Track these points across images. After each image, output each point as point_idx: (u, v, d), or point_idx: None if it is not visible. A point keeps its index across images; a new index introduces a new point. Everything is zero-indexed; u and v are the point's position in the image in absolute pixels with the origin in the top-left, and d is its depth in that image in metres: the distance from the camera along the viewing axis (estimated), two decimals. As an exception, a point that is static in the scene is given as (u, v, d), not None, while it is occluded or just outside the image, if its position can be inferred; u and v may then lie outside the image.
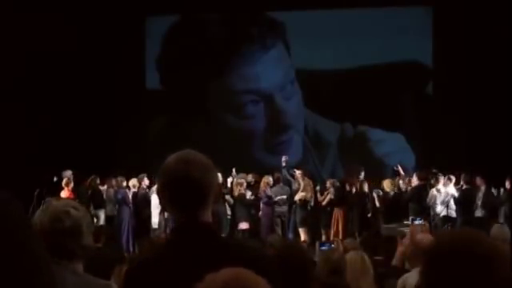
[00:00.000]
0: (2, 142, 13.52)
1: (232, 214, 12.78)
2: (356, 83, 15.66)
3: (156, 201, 11.92)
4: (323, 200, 12.85)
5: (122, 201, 12.78)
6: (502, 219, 11.57)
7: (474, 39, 14.48)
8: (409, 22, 15.43)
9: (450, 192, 12.49)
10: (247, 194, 12.81)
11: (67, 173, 12.81)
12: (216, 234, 2.04)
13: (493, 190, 12.60)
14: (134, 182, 13.16)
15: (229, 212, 12.81)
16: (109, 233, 8.04)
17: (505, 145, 12.24)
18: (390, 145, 15.48)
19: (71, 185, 12.45)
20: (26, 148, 14.00)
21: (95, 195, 12.93)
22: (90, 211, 11.82)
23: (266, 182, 12.82)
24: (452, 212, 12.47)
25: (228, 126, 16.31)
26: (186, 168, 1.94)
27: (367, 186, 12.79)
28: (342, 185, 12.91)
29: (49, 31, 14.19)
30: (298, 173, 13.36)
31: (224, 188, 12.71)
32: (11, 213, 1.05)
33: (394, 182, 12.84)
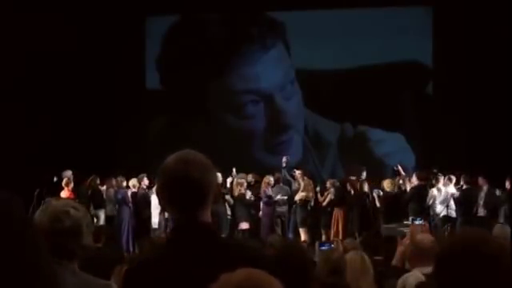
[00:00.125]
0: (2, 142, 13.52)
1: (232, 214, 12.78)
2: (356, 83, 15.65)
3: (156, 201, 11.91)
4: (323, 200, 12.85)
5: (122, 201, 12.78)
6: (502, 219, 11.57)
7: (473, 39, 14.48)
8: (409, 21, 15.42)
9: (450, 192, 12.49)
10: (247, 194, 12.81)
11: (67, 173, 12.81)
12: (216, 234, 2.04)
13: (494, 190, 12.60)
14: (133, 182, 13.16)
15: (229, 212, 12.81)
16: (109, 233, 8.03)
17: (505, 145, 12.24)
18: (390, 145, 15.47)
19: (71, 185, 12.44)
20: (26, 148, 14.00)
21: (95, 195, 12.93)
22: (90, 211, 11.82)
23: (267, 181, 12.81)
24: (452, 212, 12.47)
25: (228, 126, 16.30)
26: (185, 168, 1.94)
27: (367, 186, 12.79)
28: (342, 185, 12.91)
29: (49, 31, 14.19)
30: (297, 173, 13.37)
31: (223, 188, 12.71)
32: (13, 212, 1.04)
33: (394, 181, 12.83)
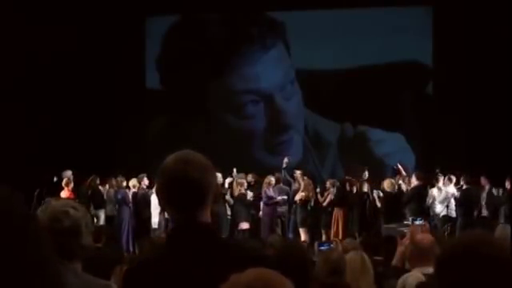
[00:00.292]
0: (2, 142, 13.52)
1: (232, 214, 12.78)
2: (356, 83, 15.65)
3: (156, 201, 11.90)
4: (324, 200, 12.84)
5: (122, 201, 12.78)
6: (502, 219, 11.57)
7: (473, 39, 14.47)
8: (409, 21, 15.42)
9: (450, 192, 12.49)
10: (248, 194, 12.81)
11: (67, 173, 12.81)
12: (215, 235, 2.03)
13: (494, 190, 12.60)
14: (134, 182, 13.16)
15: (229, 212, 12.82)
16: (109, 233, 8.04)
17: (505, 145, 12.24)
18: (390, 145, 15.47)
19: (71, 185, 12.45)
20: (26, 148, 14.00)
21: (95, 195, 12.93)
22: (90, 211, 11.82)
23: (268, 182, 12.82)
24: (452, 212, 12.47)
25: (228, 126, 16.30)
26: (185, 168, 1.94)
27: (367, 186, 12.79)
28: (343, 185, 12.91)
29: (49, 31, 14.20)
30: (297, 173, 13.38)
31: (222, 188, 12.70)
32: (13, 208, 1.02)
33: (394, 181, 12.81)
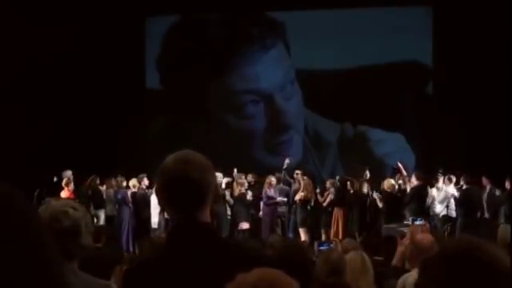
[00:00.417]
0: (2, 142, 13.52)
1: (232, 214, 12.78)
2: (356, 83, 15.65)
3: (156, 201, 11.90)
4: (324, 201, 12.83)
5: (122, 201, 12.78)
6: (502, 219, 11.56)
7: (473, 39, 14.47)
8: (409, 21, 15.42)
9: (450, 192, 12.48)
10: (248, 194, 12.81)
11: (67, 173, 12.81)
12: (215, 234, 2.03)
13: (494, 190, 12.60)
14: (134, 182, 13.16)
15: (229, 212, 12.82)
16: (109, 233, 8.03)
17: (505, 145, 12.23)
18: (390, 145, 15.46)
19: (71, 185, 12.44)
20: (26, 148, 14.00)
21: (95, 195, 12.93)
22: (90, 211, 11.82)
23: (269, 182, 12.84)
24: (452, 212, 12.47)
25: (228, 126, 16.30)
26: (184, 168, 1.93)
27: (367, 186, 12.78)
28: (343, 185, 12.90)
29: (49, 31, 14.20)
30: (297, 173, 13.38)
31: (220, 189, 12.69)
32: (14, 205, 1.00)
33: (395, 181, 12.79)
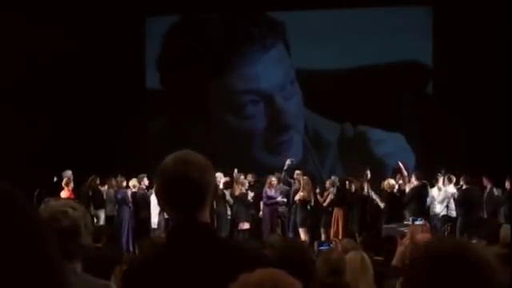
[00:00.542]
0: (2, 142, 13.52)
1: (232, 214, 12.78)
2: (356, 83, 15.65)
3: (156, 201, 11.88)
4: (324, 201, 12.83)
5: (122, 201, 12.78)
6: (502, 219, 11.56)
7: (473, 39, 14.47)
8: (409, 21, 15.42)
9: (450, 192, 12.48)
10: (249, 194, 12.82)
11: (67, 173, 12.81)
12: (215, 235, 2.03)
13: (494, 191, 12.60)
14: (134, 182, 13.16)
15: (229, 212, 12.82)
16: (109, 233, 8.03)
17: (505, 145, 12.24)
18: (390, 145, 15.45)
19: (71, 185, 12.45)
20: (26, 148, 14.00)
21: (95, 195, 12.93)
22: (90, 211, 11.82)
23: (269, 182, 12.85)
24: (452, 212, 12.47)
25: (228, 126, 16.29)
26: (184, 168, 1.93)
27: (367, 186, 12.76)
28: (342, 185, 12.90)
29: (49, 31, 14.20)
30: (297, 173, 13.38)
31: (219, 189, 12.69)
32: (14, 204, 0.99)
33: (395, 181, 12.78)
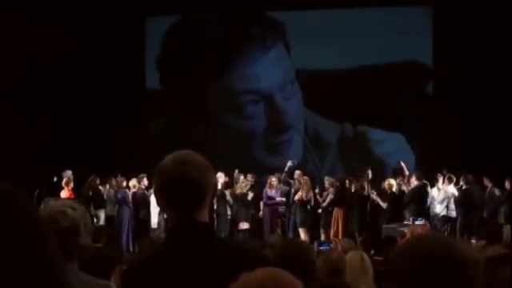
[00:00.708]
0: (2, 141, 13.52)
1: (232, 214, 12.79)
2: (356, 83, 15.64)
3: (155, 201, 11.89)
4: (323, 201, 12.82)
5: (122, 201, 12.79)
6: (502, 219, 11.55)
7: (473, 39, 14.47)
8: (409, 21, 15.41)
9: (450, 192, 12.48)
10: (249, 194, 12.82)
11: (67, 173, 12.82)
12: (214, 234, 2.03)
13: (494, 191, 12.60)
14: (134, 182, 13.17)
15: (229, 212, 12.82)
16: (109, 233, 8.03)
17: (505, 145, 12.23)
18: (390, 145, 15.45)
19: (71, 185, 12.45)
20: (26, 148, 14.00)
21: (95, 195, 12.94)
22: (90, 211, 11.82)
23: (269, 182, 12.85)
24: (452, 212, 12.47)
25: (228, 126, 16.28)
26: (183, 168, 1.93)
27: (367, 186, 12.76)
28: (342, 185, 12.89)
29: (49, 31, 14.19)
30: (297, 173, 13.39)
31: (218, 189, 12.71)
32: (14, 204, 0.98)
33: (397, 180, 12.77)
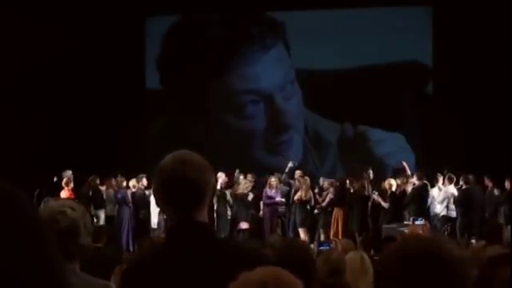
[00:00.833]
0: (2, 141, 13.52)
1: (232, 214, 12.79)
2: (356, 83, 15.64)
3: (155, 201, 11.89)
4: (323, 201, 12.82)
5: (122, 201, 12.79)
6: (502, 219, 11.55)
7: (473, 39, 14.47)
8: (409, 21, 15.41)
9: (450, 192, 12.48)
10: (250, 195, 12.82)
11: (67, 173, 12.82)
12: (213, 234, 2.03)
13: (495, 191, 12.60)
14: (133, 182, 13.18)
15: (229, 212, 12.82)
16: (109, 233, 8.04)
17: (505, 145, 12.23)
18: (390, 145, 15.44)
19: (71, 185, 12.45)
20: (26, 148, 14.00)
21: (95, 195, 12.94)
22: (90, 211, 11.83)
23: (269, 182, 12.85)
24: (452, 212, 12.46)
25: (228, 126, 16.28)
26: (183, 168, 1.93)
27: (367, 186, 12.75)
28: (342, 185, 12.89)
29: (49, 31, 14.20)
30: (297, 173, 13.40)
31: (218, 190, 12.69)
32: (14, 204, 0.98)
33: (399, 180, 12.75)
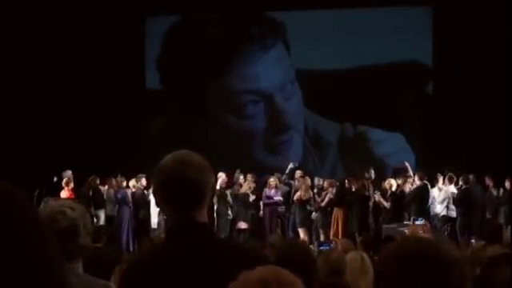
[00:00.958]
0: (2, 142, 13.52)
1: (233, 214, 12.79)
2: (356, 83, 15.64)
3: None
4: (322, 201, 12.82)
5: (122, 201, 12.79)
6: (502, 219, 11.56)
7: (473, 39, 14.47)
8: (409, 21, 15.42)
9: (450, 192, 12.48)
10: (251, 196, 12.82)
11: (67, 173, 12.82)
12: (213, 234, 2.03)
13: (494, 191, 12.60)
14: (133, 182, 13.18)
15: (229, 212, 12.82)
16: (109, 233, 8.04)
17: (505, 145, 12.23)
18: (390, 145, 15.44)
19: (71, 185, 12.45)
20: (26, 148, 14.00)
21: (95, 195, 12.94)
22: (90, 211, 11.83)
23: (269, 182, 12.85)
24: (452, 212, 12.46)
25: (228, 126, 16.28)
26: (182, 168, 1.93)
27: (368, 186, 12.75)
28: (342, 185, 12.89)
29: (49, 31, 14.20)
30: (297, 173, 13.40)
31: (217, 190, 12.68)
32: (14, 204, 0.97)
33: (401, 181, 12.75)
